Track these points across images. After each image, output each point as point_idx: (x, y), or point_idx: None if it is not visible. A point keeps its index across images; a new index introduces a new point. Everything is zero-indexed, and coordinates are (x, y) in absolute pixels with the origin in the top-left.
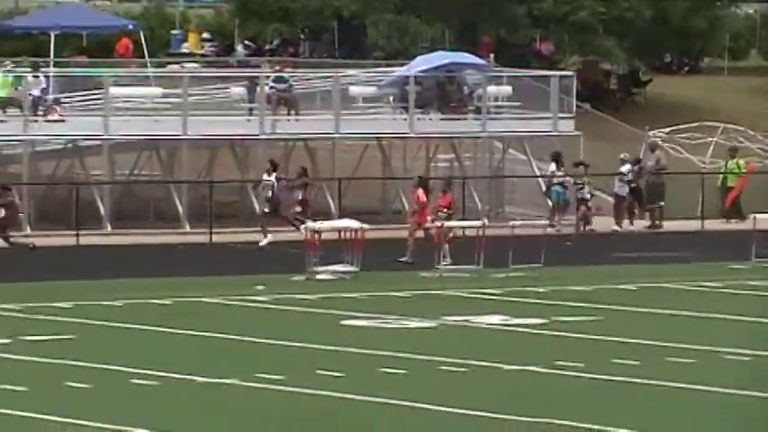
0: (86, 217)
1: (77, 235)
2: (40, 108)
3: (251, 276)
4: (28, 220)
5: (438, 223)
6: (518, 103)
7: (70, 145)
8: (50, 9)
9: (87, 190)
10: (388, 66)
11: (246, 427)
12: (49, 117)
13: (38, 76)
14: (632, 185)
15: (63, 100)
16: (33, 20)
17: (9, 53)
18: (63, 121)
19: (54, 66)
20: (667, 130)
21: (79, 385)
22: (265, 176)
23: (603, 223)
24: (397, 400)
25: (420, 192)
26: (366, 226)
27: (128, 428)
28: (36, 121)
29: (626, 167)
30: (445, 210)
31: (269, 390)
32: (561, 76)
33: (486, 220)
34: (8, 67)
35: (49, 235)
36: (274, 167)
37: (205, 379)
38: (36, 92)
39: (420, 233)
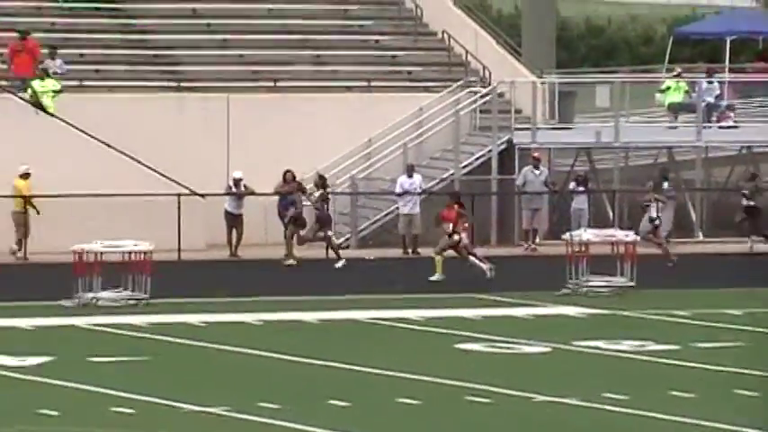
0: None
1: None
2: (714, 114)
3: None
4: (700, 227)
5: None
6: None
7: (744, 151)
8: (725, 14)
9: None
10: None
11: None
12: (723, 123)
13: (712, 82)
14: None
15: (737, 106)
16: (708, 25)
17: (686, 59)
18: (737, 127)
19: (729, 72)
20: None
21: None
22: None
23: None
24: None
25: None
26: None
27: None
28: (709, 127)
29: None
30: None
31: None
32: None
33: None
34: (678, 73)
35: (721, 242)
36: (323, 183)
37: None
38: (710, 98)
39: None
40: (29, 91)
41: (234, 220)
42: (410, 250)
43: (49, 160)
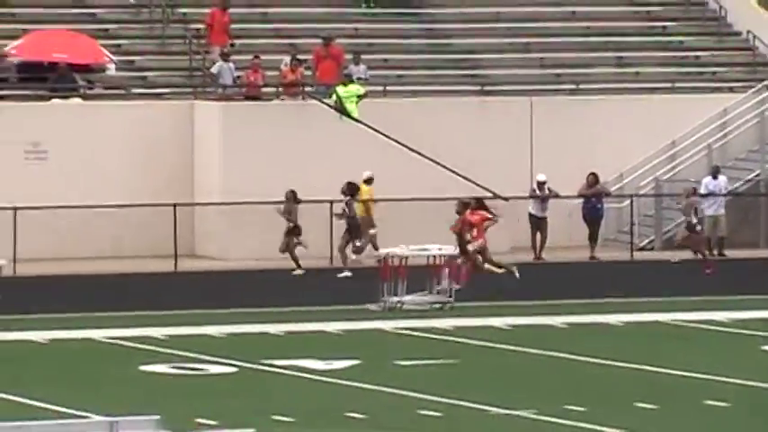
0: None
1: None
2: None
3: None
4: None
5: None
6: None
7: None
8: None
9: None
10: None
11: None
12: None
13: None
14: None
15: None
16: None
17: None
18: None
19: None
20: None
21: None
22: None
23: None
24: None
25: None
26: None
27: None
28: None
29: None
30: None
31: None
32: None
33: None
34: None
35: None
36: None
37: None
38: None
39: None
40: (333, 96)
41: (538, 223)
42: (716, 252)
43: (353, 165)
